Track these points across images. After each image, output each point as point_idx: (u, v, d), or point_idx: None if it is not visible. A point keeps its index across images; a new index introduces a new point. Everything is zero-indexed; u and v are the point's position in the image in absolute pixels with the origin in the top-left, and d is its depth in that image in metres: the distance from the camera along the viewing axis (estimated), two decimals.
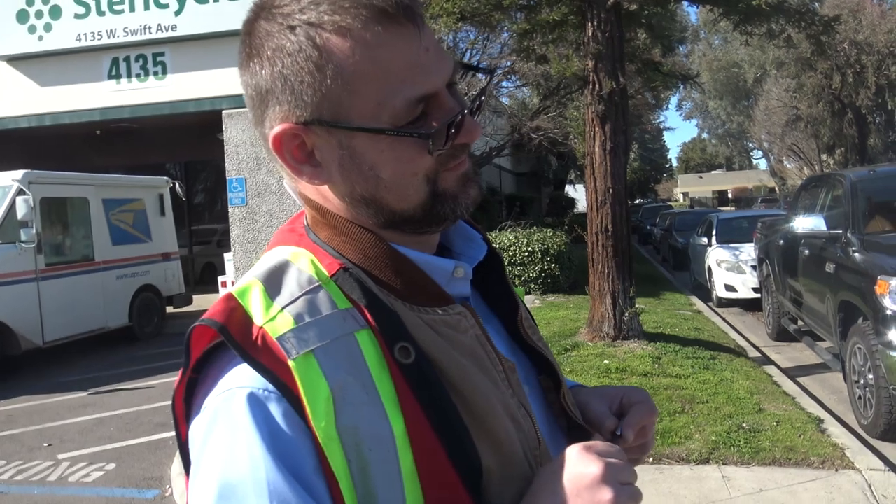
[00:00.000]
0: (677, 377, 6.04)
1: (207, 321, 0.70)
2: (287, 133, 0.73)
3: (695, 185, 73.47)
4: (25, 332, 8.43)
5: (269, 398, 0.66)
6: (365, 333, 0.71)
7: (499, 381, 0.78)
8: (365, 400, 0.68)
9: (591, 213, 7.25)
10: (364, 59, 0.70)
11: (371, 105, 0.71)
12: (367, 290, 0.73)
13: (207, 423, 0.68)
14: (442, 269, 0.80)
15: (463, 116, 0.74)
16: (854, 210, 6.07)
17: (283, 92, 0.72)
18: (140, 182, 11.17)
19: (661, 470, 4.35)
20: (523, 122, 16.27)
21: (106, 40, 12.36)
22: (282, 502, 0.63)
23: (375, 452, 0.67)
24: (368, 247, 0.76)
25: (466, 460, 0.70)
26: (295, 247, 0.78)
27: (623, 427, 0.88)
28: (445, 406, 0.71)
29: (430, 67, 0.72)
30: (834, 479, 4.09)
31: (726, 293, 11.37)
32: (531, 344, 0.88)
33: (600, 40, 6.78)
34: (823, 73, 25.90)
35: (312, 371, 0.67)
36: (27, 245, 8.43)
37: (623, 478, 0.71)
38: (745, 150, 54.55)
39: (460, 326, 0.77)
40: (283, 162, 0.76)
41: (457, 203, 0.77)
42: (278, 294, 0.72)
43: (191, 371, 0.71)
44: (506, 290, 0.91)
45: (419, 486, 0.69)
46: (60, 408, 6.89)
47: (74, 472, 5.04)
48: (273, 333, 0.68)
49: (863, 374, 5.24)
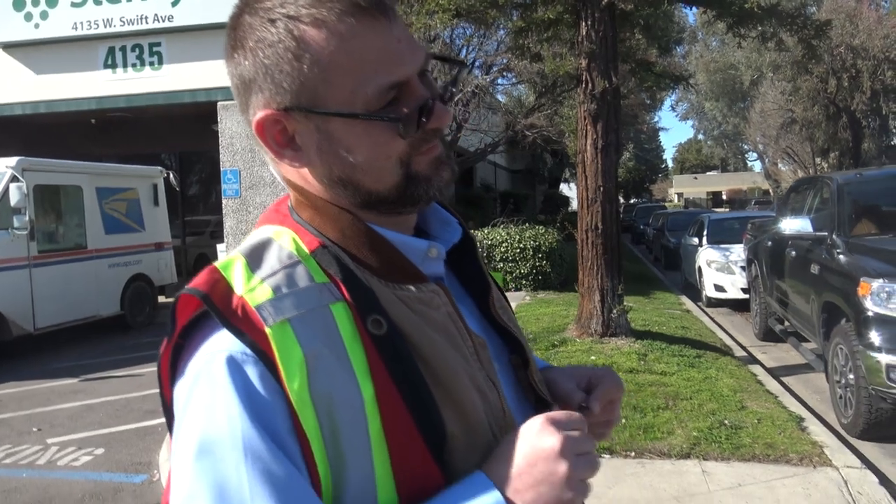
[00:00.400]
0: (662, 374, 6.12)
1: (192, 290, 0.75)
2: (269, 119, 0.79)
3: (690, 185, 73.69)
4: (17, 318, 8.46)
5: (247, 361, 0.71)
6: (340, 306, 0.76)
7: (468, 355, 0.83)
8: (337, 367, 0.73)
9: (582, 211, 7.31)
10: (338, 49, 0.75)
11: (345, 92, 0.76)
12: (344, 265, 0.79)
13: (190, 384, 0.73)
14: (417, 248, 0.85)
15: (433, 103, 0.79)
16: (840, 212, 6.15)
17: (265, 80, 0.78)
18: (134, 171, 11.18)
19: (642, 464, 4.42)
20: (518, 119, 16.31)
21: (102, 29, 12.36)
22: (255, 457, 0.67)
23: (346, 416, 0.72)
24: (347, 226, 0.81)
25: (432, 426, 0.75)
26: (278, 226, 0.84)
27: (590, 400, 0.95)
28: (414, 375, 0.76)
29: (402, 57, 0.77)
30: (811, 476, 4.17)
31: (715, 293, 11.46)
32: (502, 324, 0.94)
33: (594, 39, 6.84)
34: (819, 77, 25.98)
35: (288, 338, 0.72)
36: (20, 232, 8.46)
37: (581, 448, 0.76)
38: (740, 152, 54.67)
39: (433, 303, 0.82)
40: (266, 146, 0.81)
41: (430, 185, 0.82)
42: (259, 268, 0.77)
43: (177, 337, 0.76)
44: (479, 272, 0.96)
45: (387, 449, 0.73)
46: (51, 393, 6.92)
47: (63, 457, 5.09)
48: (252, 302, 0.73)
49: (844, 374, 5.32)
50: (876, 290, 4.92)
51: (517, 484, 0.74)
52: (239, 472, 0.67)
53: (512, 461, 0.76)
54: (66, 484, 4.59)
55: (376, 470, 0.73)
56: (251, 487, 0.67)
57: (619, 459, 4.50)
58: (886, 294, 4.88)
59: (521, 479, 0.74)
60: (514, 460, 0.76)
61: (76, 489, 4.48)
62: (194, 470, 0.68)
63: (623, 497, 3.98)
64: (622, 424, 4.96)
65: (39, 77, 12.90)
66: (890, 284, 4.88)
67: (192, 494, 0.68)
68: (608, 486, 4.12)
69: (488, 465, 0.77)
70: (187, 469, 0.69)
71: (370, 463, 0.73)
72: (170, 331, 0.77)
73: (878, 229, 6.11)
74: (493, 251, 12.34)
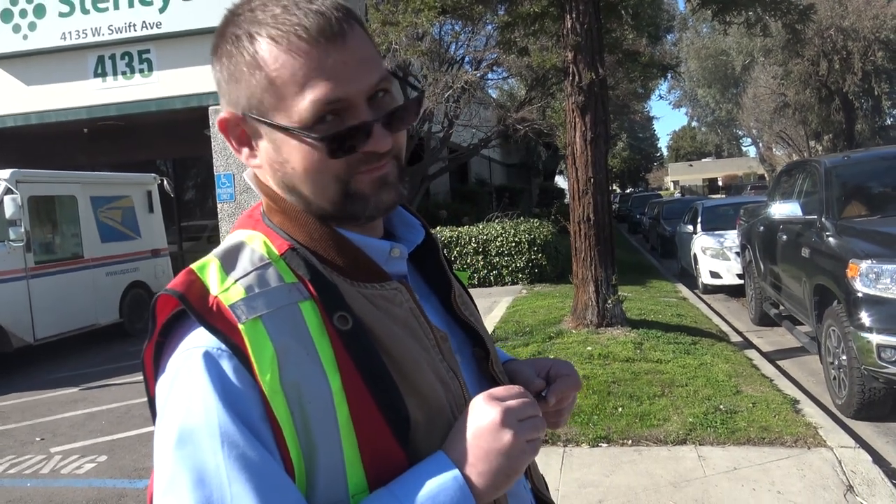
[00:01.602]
0: (658, 362, 6.16)
1: (169, 291, 0.81)
2: (231, 120, 0.87)
3: (685, 173, 73.68)
4: (16, 329, 8.49)
5: (222, 356, 0.77)
6: (308, 304, 0.82)
7: (429, 347, 0.89)
8: (306, 360, 0.78)
9: (574, 203, 7.35)
10: (283, 66, 0.81)
11: (286, 105, 0.82)
12: (312, 266, 0.84)
13: (170, 379, 0.78)
14: (380, 249, 0.91)
15: (369, 127, 0.83)
16: (829, 196, 6.19)
17: (228, 85, 0.86)
18: (128, 179, 11.20)
19: (639, 451, 4.47)
20: (509, 113, 16.33)
21: (91, 38, 12.35)
22: (231, 443, 0.73)
23: (315, 405, 0.78)
24: (314, 230, 0.87)
25: (396, 413, 0.81)
26: (251, 230, 0.90)
27: (549, 391, 1.00)
28: (377, 366, 0.81)
29: (346, 77, 0.81)
30: (806, 457, 4.22)
31: (711, 280, 11.50)
32: (464, 319, 0.99)
33: (579, 32, 6.86)
34: (810, 60, 26.00)
35: (259, 334, 0.78)
36: (16, 244, 8.48)
37: (522, 415, 0.82)
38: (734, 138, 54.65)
39: (396, 300, 0.88)
40: (228, 142, 0.89)
41: (367, 204, 0.86)
42: (233, 269, 0.83)
43: (157, 335, 0.82)
44: (441, 271, 1.02)
45: (354, 436, 0.79)
46: (52, 403, 6.96)
47: (66, 465, 5.13)
48: (226, 301, 0.79)
49: (837, 355, 5.37)
50: (864, 270, 4.97)
51: (470, 458, 0.80)
52: (216, 458, 0.72)
53: (463, 438, 0.82)
54: (70, 492, 4.63)
55: (345, 454, 0.79)
56: (228, 472, 0.72)
57: (616, 448, 4.56)
58: (875, 275, 4.92)
59: (472, 453, 0.80)
60: (464, 437, 0.82)
61: (80, 497, 4.53)
62: (174, 457, 0.73)
63: (620, 484, 4.03)
64: (618, 413, 5.01)
65: (30, 88, 12.90)
66: (878, 265, 4.93)
67: (173, 480, 0.73)
68: (605, 474, 4.18)
69: (447, 445, 0.83)
70: (168, 457, 0.74)
71: (339, 448, 0.78)
72: (150, 330, 0.83)
73: (867, 211, 6.15)
74: (488, 245, 12.38)
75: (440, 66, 14.47)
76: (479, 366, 0.99)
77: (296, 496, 0.75)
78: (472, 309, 1.05)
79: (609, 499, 3.87)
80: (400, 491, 0.78)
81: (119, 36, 12.30)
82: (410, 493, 0.77)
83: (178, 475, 0.73)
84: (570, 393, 1.03)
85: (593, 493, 3.94)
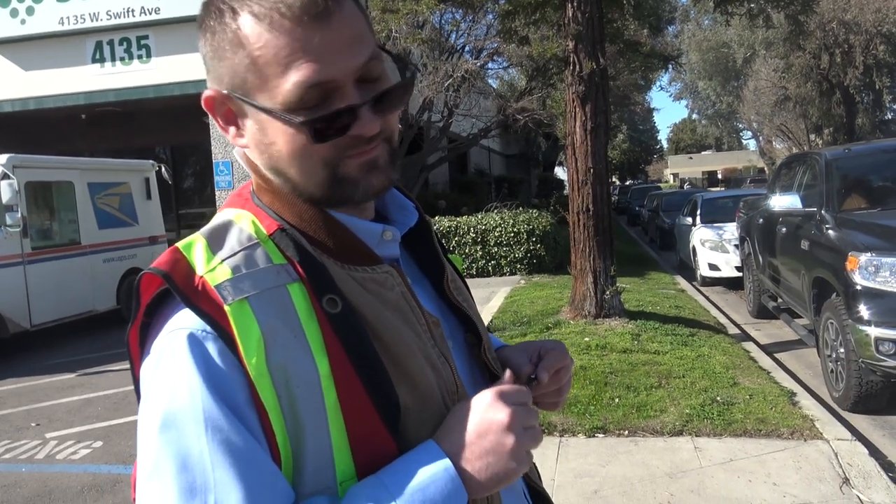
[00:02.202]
0: (655, 353, 6.16)
1: (154, 270, 0.78)
2: (217, 98, 0.83)
3: (685, 165, 73.62)
4: (13, 315, 8.47)
5: (207, 338, 0.74)
6: (296, 286, 0.79)
7: (421, 332, 0.87)
8: (293, 342, 0.76)
9: (573, 193, 7.33)
10: (267, 45, 0.77)
11: (270, 86, 0.78)
12: (301, 247, 0.82)
13: (154, 361, 0.76)
14: (371, 231, 0.88)
15: (354, 111, 0.79)
16: (829, 188, 6.17)
17: (212, 62, 0.82)
18: (125, 166, 11.15)
19: (635, 442, 4.47)
20: (509, 103, 16.28)
21: (89, 23, 12.30)
22: (215, 428, 0.71)
23: (302, 389, 0.76)
24: (304, 211, 0.85)
25: (385, 398, 0.79)
26: (240, 209, 0.87)
27: (538, 371, 0.98)
28: (367, 350, 0.79)
29: (333, 58, 0.77)
30: (802, 449, 4.21)
31: (710, 272, 11.50)
32: (456, 304, 0.97)
33: (580, 21, 6.82)
34: (812, 53, 25.89)
35: (246, 315, 0.75)
36: (13, 229, 8.45)
37: (527, 422, 0.80)
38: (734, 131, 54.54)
39: (387, 283, 0.86)
40: (215, 120, 0.85)
41: (356, 189, 0.83)
42: (220, 249, 0.80)
43: (142, 316, 0.80)
44: (434, 255, 0.99)
45: (342, 421, 0.77)
46: (49, 389, 6.96)
47: (62, 451, 5.12)
48: (212, 282, 0.77)
49: (835, 348, 5.36)
50: (864, 263, 4.95)
51: (467, 453, 0.78)
52: (200, 443, 0.70)
53: (463, 432, 0.79)
54: (65, 477, 4.62)
55: (333, 440, 0.77)
56: (212, 457, 0.70)
57: (613, 438, 4.55)
58: (874, 268, 4.90)
59: (470, 449, 0.78)
60: (464, 431, 0.79)
61: (75, 482, 4.52)
62: (158, 441, 0.72)
63: (616, 475, 4.02)
64: (615, 403, 5.01)
65: (27, 73, 12.85)
66: (877, 258, 4.91)
67: (157, 465, 0.71)
68: (601, 464, 4.17)
69: (439, 435, 0.81)
70: (152, 441, 0.72)
71: (327, 434, 0.76)
72: (134, 310, 0.81)
73: (867, 204, 6.13)
74: (487, 236, 12.37)
75: (440, 54, 14.40)
76: (471, 352, 0.97)
77: (281, 482, 0.73)
78: (466, 294, 1.02)
79: (605, 489, 3.87)
80: (389, 480, 0.75)
81: (117, 21, 12.25)
82: (400, 482, 0.75)
83: (161, 460, 0.71)
84: (560, 365, 1.00)
85: (589, 483, 3.93)
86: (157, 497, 0.70)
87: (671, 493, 3.77)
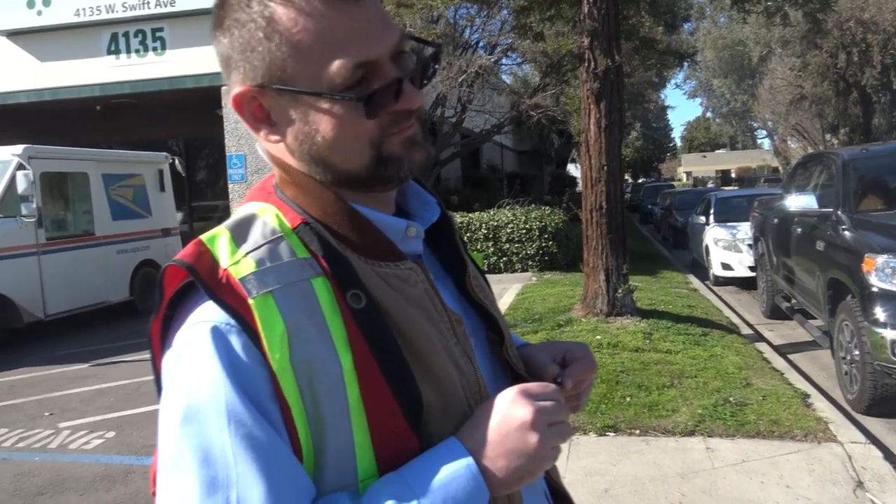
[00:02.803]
0: (668, 352, 6.13)
1: (178, 262, 0.78)
2: (245, 95, 0.82)
3: (698, 164, 73.17)
4: (27, 305, 8.54)
5: (231, 331, 0.74)
6: (320, 280, 0.78)
7: (444, 330, 0.86)
8: (317, 337, 0.75)
9: (586, 191, 7.30)
10: (305, 29, 0.77)
11: (312, 71, 0.78)
12: (326, 242, 0.81)
13: (177, 354, 0.76)
14: (396, 227, 0.87)
15: (402, 84, 0.80)
16: (845, 188, 6.11)
17: (240, 58, 0.81)
18: (139, 158, 11.20)
19: (647, 441, 4.45)
20: (523, 99, 16.22)
21: (105, 15, 12.36)
22: (238, 422, 0.70)
23: (325, 385, 0.75)
24: (328, 204, 0.84)
25: (408, 395, 0.78)
26: (263, 202, 0.86)
27: (564, 376, 0.96)
28: (391, 346, 0.78)
29: (370, 37, 0.78)
30: (815, 452, 4.18)
31: (723, 272, 11.43)
32: (479, 301, 0.96)
33: (596, 17, 6.78)
34: (828, 52, 25.65)
35: (270, 309, 0.75)
36: (28, 219, 8.51)
37: (553, 418, 0.79)
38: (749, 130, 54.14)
39: (410, 280, 0.85)
40: (244, 120, 0.84)
41: (401, 166, 0.83)
42: (244, 242, 0.80)
43: (165, 308, 0.80)
44: (456, 251, 0.99)
45: (365, 417, 0.76)
46: (62, 379, 7.01)
47: (75, 440, 5.16)
48: (236, 275, 0.76)
49: (849, 350, 5.32)
50: (881, 265, 4.91)
51: (489, 451, 0.77)
52: (223, 437, 0.70)
53: (485, 430, 0.78)
54: (77, 467, 4.66)
55: (355, 437, 0.76)
56: (234, 450, 0.69)
57: (624, 437, 4.53)
58: (891, 270, 4.86)
59: (493, 448, 0.77)
60: (487, 429, 0.78)
61: (87, 472, 4.55)
62: (180, 435, 0.71)
63: (627, 474, 4.01)
64: (627, 402, 4.99)
65: (43, 64, 12.93)
66: (894, 260, 4.86)
67: (178, 458, 0.71)
68: (612, 463, 4.16)
69: (462, 433, 0.80)
70: (173, 434, 0.72)
71: (349, 430, 0.76)
72: (157, 301, 0.80)
73: (884, 205, 6.07)
74: (498, 232, 12.34)
75: (454, 50, 14.36)
76: (493, 350, 0.96)
77: (303, 477, 0.73)
78: (487, 291, 1.01)
79: (615, 488, 3.85)
80: (411, 476, 0.75)
81: (133, 13, 12.30)
82: (422, 479, 0.74)
83: (183, 453, 0.70)
84: (587, 376, 0.99)
85: (599, 482, 3.92)
86: (178, 491, 0.70)
87: (683, 493, 3.75)
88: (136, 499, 4.12)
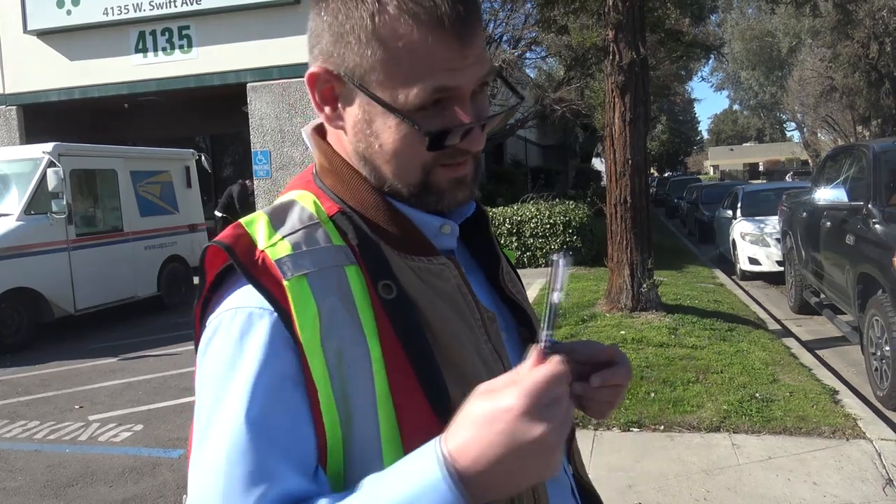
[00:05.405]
0: (693, 348, 6.07)
1: (217, 242, 0.80)
2: (322, 75, 0.83)
3: (725, 157, 72.27)
4: (58, 300, 8.69)
5: (263, 315, 0.76)
6: (353, 269, 0.80)
7: (475, 326, 0.86)
8: (348, 323, 0.77)
9: (611, 185, 7.25)
10: (406, 48, 0.77)
11: (394, 84, 0.78)
12: (361, 231, 0.83)
13: (209, 336, 0.78)
14: (430, 224, 0.88)
15: (472, 126, 0.81)
16: (876, 182, 5.99)
17: (332, 42, 0.81)
18: (167, 154, 11.33)
19: (671, 437, 4.42)
20: (547, 93, 16.13)
21: (132, 14, 12.51)
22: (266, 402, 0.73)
23: (354, 371, 0.76)
24: (366, 197, 0.86)
25: (435, 387, 0.78)
26: (302, 189, 0.89)
27: (593, 375, 0.86)
28: (419, 339, 0.79)
29: (461, 69, 0.79)
30: (844, 448, 4.12)
31: (750, 266, 11.28)
32: (511, 297, 0.96)
33: (621, 10, 6.72)
34: (860, 42, 25.12)
35: (304, 291, 0.76)
36: (58, 216, 8.66)
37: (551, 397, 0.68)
38: (777, 122, 53.42)
39: (443, 275, 0.86)
40: (312, 96, 0.85)
41: (441, 199, 0.85)
42: (281, 226, 0.82)
43: (207, 291, 0.83)
44: (490, 246, 0.99)
45: (392, 407, 0.76)
46: (92, 372, 7.13)
47: (104, 433, 5.25)
48: (273, 256, 0.78)
49: (880, 346, 5.23)
50: None
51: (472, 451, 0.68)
52: (251, 416, 0.72)
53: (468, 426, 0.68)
54: (106, 458, 4.74)
55: (382, 429, 0.76)
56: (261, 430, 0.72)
57: (648, 433, 4.50)
58: None
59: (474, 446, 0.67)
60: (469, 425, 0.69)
61: (116, 464, 4.63)
62: (211, 413, 0.74)
63: (651, 470, 3.98)
64: (651, 398, 4.95)
65: (73, 63, 13.12)
66: None
67: (209, 437, 0.73)
68: (636, 459, 4.13)
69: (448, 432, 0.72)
70: (205, 413, 0.75)
71: (375, 422, 0.76)
72: (201, 284, 0.83)
73: None
74: (522, 227, 12.30)
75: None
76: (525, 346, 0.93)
77: (314, 457, 0.74)
78: (520, 287, 1.01)
79: (639, 484, 3.83)
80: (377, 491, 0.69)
81: (160, 12, 12.43)
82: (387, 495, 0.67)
83: (214, 432, 0.73)
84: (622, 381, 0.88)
85: (623, 478, 3.90)
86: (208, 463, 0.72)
87: (707, 489, 3.72)
88: (163, 490, 4.18)
